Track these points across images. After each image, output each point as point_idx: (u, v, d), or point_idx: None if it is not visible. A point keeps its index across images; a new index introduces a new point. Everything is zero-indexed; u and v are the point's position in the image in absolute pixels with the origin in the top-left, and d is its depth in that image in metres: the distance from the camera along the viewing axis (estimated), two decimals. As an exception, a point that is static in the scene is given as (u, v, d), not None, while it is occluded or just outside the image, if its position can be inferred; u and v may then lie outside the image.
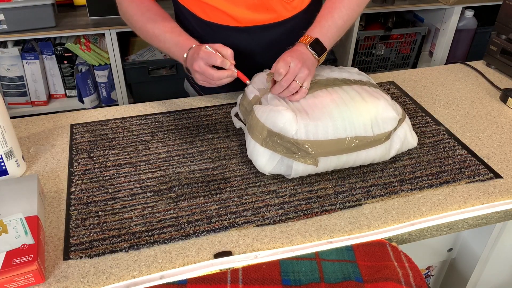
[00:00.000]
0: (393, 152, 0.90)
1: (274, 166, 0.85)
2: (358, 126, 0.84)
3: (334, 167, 0.87)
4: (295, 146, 0.82)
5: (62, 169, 0.90)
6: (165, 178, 0.87)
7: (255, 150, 0.85)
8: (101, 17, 1.92)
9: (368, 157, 0.87)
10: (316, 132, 0.82)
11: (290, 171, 0.84)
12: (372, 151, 0.87)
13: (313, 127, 0.82)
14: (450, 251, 1.00)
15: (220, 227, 0.77)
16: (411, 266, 0.70)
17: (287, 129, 0.81)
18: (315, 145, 0.82)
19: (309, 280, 0.68)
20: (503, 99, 1.15)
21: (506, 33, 1.26)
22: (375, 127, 0.86)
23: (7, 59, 1.90)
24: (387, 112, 0.87)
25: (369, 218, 0.80)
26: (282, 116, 0.82)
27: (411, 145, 0.93)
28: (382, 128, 0.86)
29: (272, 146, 0.83)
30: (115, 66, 1.97)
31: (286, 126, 0.82)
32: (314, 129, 0.82)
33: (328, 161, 0.84)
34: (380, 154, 0.88)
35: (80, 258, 0.71)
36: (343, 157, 0.85)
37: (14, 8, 1.75)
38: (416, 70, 1.30)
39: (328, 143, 0.83)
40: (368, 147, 0.86)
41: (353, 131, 0.84)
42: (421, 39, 2.34)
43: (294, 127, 0.81)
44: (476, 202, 0.84)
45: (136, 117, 1.05)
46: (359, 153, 0.86)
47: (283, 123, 0.82)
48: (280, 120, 0.82)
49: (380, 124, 0.86)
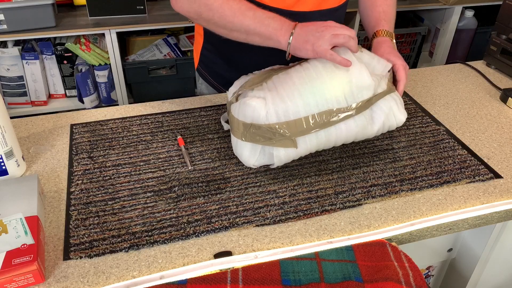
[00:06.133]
0: (377, 125, 0.87)
1: (257, 158, 0.84)
2: (330, 99, 0.81)
3: (316, 147, 0.85)
4: (270, 132, 0.81)
5: (62, 169, 0.90)
6: (165, 178, 0.87)
7: (237, 146, 0.86)
8: (101, 17, 1.93)
9: (350, 132, 0.85)
10: (287, 112, 0.81)
11: (272, 160, 0.84)
12: (351, 123, 0.84)
13: (282, 109, 0.81)
14: (450, 251, 1.00)
15: (220, 227, 0.77)
16: (411, 266, 0.70)
17: (257, 116, 0.81)
18: (289, 126, 0.81)
19: (309, 280, 0.68)
20: (503, 99, 1.15)
21: (506, 33, 1.26)
22: (349, 98, 0.82)
23: (7, 59, 1.90)
24: (361, 79, 0.83)
25: (369, 218, 0.80)
26: (248, 106, 0.81)
27: (398, 120, 0.90)
28: (357, 97, 0.83)
29: (250, 138, 0.83)
30: (115, 66, 1.97)
31: (254, 114, 0.81)
32: (284, 110, 0.81)
33: (307, 142, 0.83)
34: (362, 126, 0.85)
35: (80, 258, 0.71)
36: (321, 134, 0.83)
37: (14, 8, 1.75)
38: (416, 70, 1.30)
39: (301, 121, 0.81)
40: (344, 118, 0.83)
41: (325, 105, 0.81)
42: (421, 39, 2.34)
43: (262, 112, 0.81)
44: (476, 202, 0.84)
45: (136, 117, 1.05)
46: (337, 128, 0.83)
47: (252, 112, 0.81)
48: (247, 110, 0.81)
49: (355, 93, 0.83)
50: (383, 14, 1.06)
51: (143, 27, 1.94)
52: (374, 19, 1.06)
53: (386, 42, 1.00)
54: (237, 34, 0.90)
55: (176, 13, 0.98)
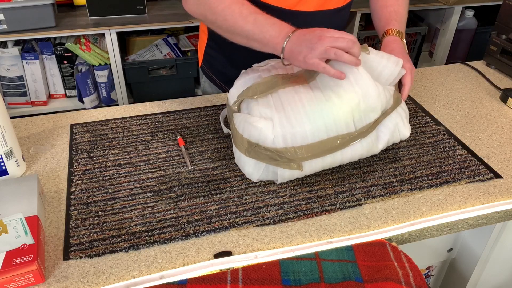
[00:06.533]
0: (381, 144, 0.87)
1: (260, 174, 0.84)
2: (339, 123, 0.80)
3: (321, 168, 0.85)
4: (276, 154, 0.80)
5: (62, 169, 0.90)
6: (165, 178, 0.87)
7: (240, 159, 0.85)
8: (101, 17, 1.93)
9: (355, 153, 0.85)
10: (295, 137, 0.79)
11: (276, 177, 0.84)
12: (358, 146, 0.84)
13: (290, 133, 0.79)
14: (450, 251, 1.00)
15: (220, 227, 0.77)
16: (411, 266, 0.70)
17: (263, 139, 0.80)
18: (296, 151, 0.80)
19: (309, 280, 0.68)
20: (503, 99, 1.15)
21: (506, 33, 1.26)
22: (357, 121, 0.82)
23: (7, 59, 1.90)
24: (368, 101, 0.81)
25: (369, 218, 0.80)
26: (255, 129, 0.80)
27: (403, 135, 0.90)
28: (364, 120, 0.82)
29: (255, 155, 0.82)
30: (115, 66, 1.97)
31: (261, 137, 0.80)
32: (292, 135, 0.79)
33: (313, 164, 0.83)
34: (367, 148, 0.85)
35: (80, 258, 0.71)
36: (327, 158, 0.83)
37: (14, 8, 1.75)
38: (416, 70, 1.29)
39: (309, 147, 0.80)
40: (351, 143, 0.83)
41: (334, 130, 0.80)
42: (421, 39, 2.34)
43: (270, 136, 0.79)
44: (476, 202, 0.84)
45: (136, 117, 1.05)
46: (343, 151, 0.83)
47: (258, 135, 0.80)
48: (254, 131, 0.80)
49: (363, 116, 0.82)
50: (394, 14, 1.05)
51: (143, 27, 1.93)
52: (385, 18, 1.05)
53: (396, 41, 0.99)
54: (239, 38, 0.90)
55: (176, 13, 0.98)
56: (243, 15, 0.87)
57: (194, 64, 2.09)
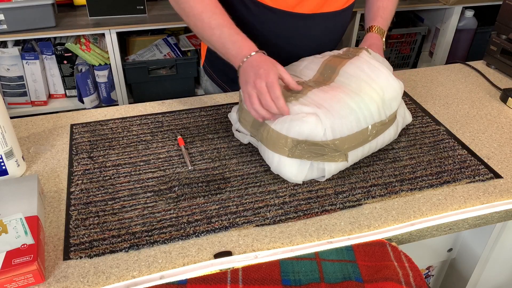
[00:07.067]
0: (399, 129, 0.94)
1: (305, 174, 0.84)
2: (374, 112, 0.85)
3: (360, 157, 0.89)
4: (323, 148, 0.81)
5: (62, 169, 0.90)
6: (165, 178, 0.87)
7: (281, 163, 0.84)
8: (101, 17, 1.93)
9: (384, 139, 0.91)
10: (342, 129, 0.82)
11: (322, 173, 0.85)
12: (386, 133, 0.90)
13: (338, 125, 0.82)
14: (450, 251, 1.00)
15: (220, 227, 0.77)
16: (411, 266, 0.70)
17: (314, 134, 0.80)
18: (343, 141, 0.82)
19: (309, 280, 0.68)
20: (503, 99, 1.15)
21: (506, 33, 1.26)
22: (387, 109, 0.88)
23: (7, 59, 1.90)
24: (389, 91, 0.88)
25: (369, 218, 0.80)
26: (306, 124, 0.80)
27: (407, 120, 0.98)
28: (390, 108, 0.89)
29: (299, 154, 0.82)
30: (115, 66, 1.97)
31: (312, 132, 0.80)
32: (340, 127, 0.82)
33: (355, 154, 0.86)
34: (393, 134, 0.92)
35: (80, 258, 0.71)
36: (366, 146, 0.87)
37: (14, 8, 1.75)
38: (416, 70, 1.30)
39: (354, 136, 0.84)
40: (384, 130, 0.89)
41: (371, 119, 0.85)
42: (421, 39, 2.34)
43: (320, 130, 0.80)
44: (476, 202, 0.84)
45: (136, 117, 1.05)
46: (377, 139, 0.89)
47: (309, 130, 0.80)
48: (305, 128, 0.80)
49: (387, 104, 0.88)
50: (381, 10, 1.09)
51: (143, 27, 1.94)
52: (372, 13, 1.10)
53: (377, 38, 1.05)
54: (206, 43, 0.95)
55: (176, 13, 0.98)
56: (211, 27, 0.90)
57: (194, 64, 2.09)
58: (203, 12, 0.91)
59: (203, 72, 1.26)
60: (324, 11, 1.03)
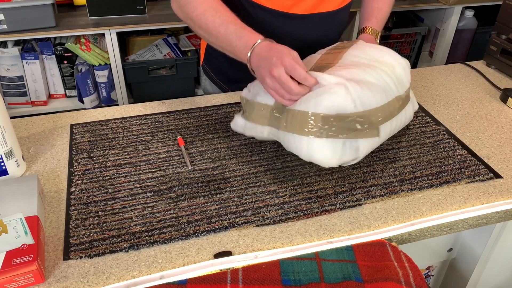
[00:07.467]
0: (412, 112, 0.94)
1: (339, 155, 0.77)
2: (393, 86, 0.84)
3: (388, 135, 0.87)
4: (356, 122, 0.75)
5: (62, 169, 0.90)
6: (165, 178, 0.87)
7: (312, 146, 0.76)
8: (101, 17, 1.93)
9: (406, 118, 0.90)
10: (370, 100, 0.77)
11: (356, 153, 0.79)
12: (403, 113, 0.89)
13: (367, 96, 0.77)
14: (450, 251, 1.00)
15: (220, 227, 0.77)
16: (411, 266, 0.70)
17: (344, 106, 0.74)
18: (373, 114, 0.77)
19: (309, 280, 0.68)
20: (503, 99, 1.15)
21: (506, 33, 1.26)
22: (399, 85, 0.86)
23: (7, 59, 1.90)
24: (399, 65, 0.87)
25: (369, 218, 0.80)
26: (335, 96, 0.74)
27: (416, 106, 0.97)
28: (403, 84, 0.88)
29: (330, 132, 0.75)
30: (115, 66, 1.97)
31: (342, 104, 0.74)
32: (368, 98, 0.77)
33: (384, 129, 0.83)
34: (409, 115, 0.92)
35: (80, 258, 0.71)
36: (393, 121, 0.85)
37: (14, 8, 1.75)
38: (416, 70, 1.30)
39: (382, 108, 0.80)
40: (404, 106, 0.88)
41: (392, 92, 0.84)
42: (421, 39, 2.34)
43: (350, 102, 0.74)
44: (476, 202, 0.84)
45: (136, 117, 1.05)
46: (397, 118, 0.87)
47: (340, 101, 0.74)
48: (336, 100, 0.74)
49: (400, 81, 0.87)
50: (376, 11, 1.09)
51: (143, 27, 1.94)
52: (367, 14, 1.10)
53: (371, 39, 1.05)
54: (214, 45, 0.93)
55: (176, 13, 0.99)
56: (216, 25, 0.88)
57: (194, 64, 2.09)
58: (206, 10, 0.89)
59: (202, 72, 1.26)
60: (320, 11, 1.03)
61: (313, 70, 0.85)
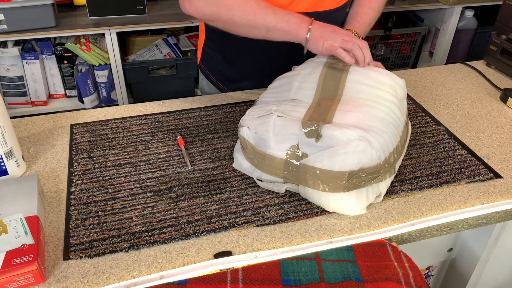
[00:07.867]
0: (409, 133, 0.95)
1: (366, 202, 0.80)
2: (399, 115, 0.86)
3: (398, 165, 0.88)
4: (377, 170, 0.77)
5: (62, 169, 0.90)
6: (165, 178, 0.87)
7: (339, 201, 0.78)
8: (101, 17, 1.93)
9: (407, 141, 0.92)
10: (388, 144, 0.80)
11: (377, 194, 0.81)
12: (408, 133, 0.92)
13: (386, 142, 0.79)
14: (450, 251, 1.00)
15: (220, 227, 0.77)
16: (411, 266, 0.70)
17: (369, 160, 0.76)
18: (391, 156, 0.80)
19: (309, 280, 0.68)
20: (503, 99, 1.15)
21: (506, 33, 1.26)
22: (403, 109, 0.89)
23: (7, 59, 1.90)
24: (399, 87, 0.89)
25: (369, 218, 0.80)
26: (361, 153, 0.75)
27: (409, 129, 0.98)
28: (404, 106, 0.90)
29: (355, 185, 0.77)
30: (115, 66, 1.97)
31: (367, 159, 0.76)
32: (387, 143, 0.80)
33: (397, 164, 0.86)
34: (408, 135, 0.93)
35: (80, 258, 0.71)
36: (402, 152, 0.88)
37: (14, 8, 1.75)
38: (416, 70, 1.30)
39: (397, 146, 0.83)
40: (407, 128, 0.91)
41: (400, 122, 0.86)
42: (421, 39, 2.34)
43: (375, 155, 0.76)
44: (476, 202, 0.84)
45: (136, 117, 1.05)
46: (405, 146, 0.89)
47: (367, 158, 0.75)
48: (361, 157, 0.75)
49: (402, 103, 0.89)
50: (360, 15, 1.08)
51: (143, 27, 1.93)
52: (350, 17, 1.10)
53: None
54: (257, 31, 0.93)
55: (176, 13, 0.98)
56: (262, 8, 0.91)
57: (194, 64, 2.09)
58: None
59: (199, 71, 1.26)
60: (318, 10, 1.03)
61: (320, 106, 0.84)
